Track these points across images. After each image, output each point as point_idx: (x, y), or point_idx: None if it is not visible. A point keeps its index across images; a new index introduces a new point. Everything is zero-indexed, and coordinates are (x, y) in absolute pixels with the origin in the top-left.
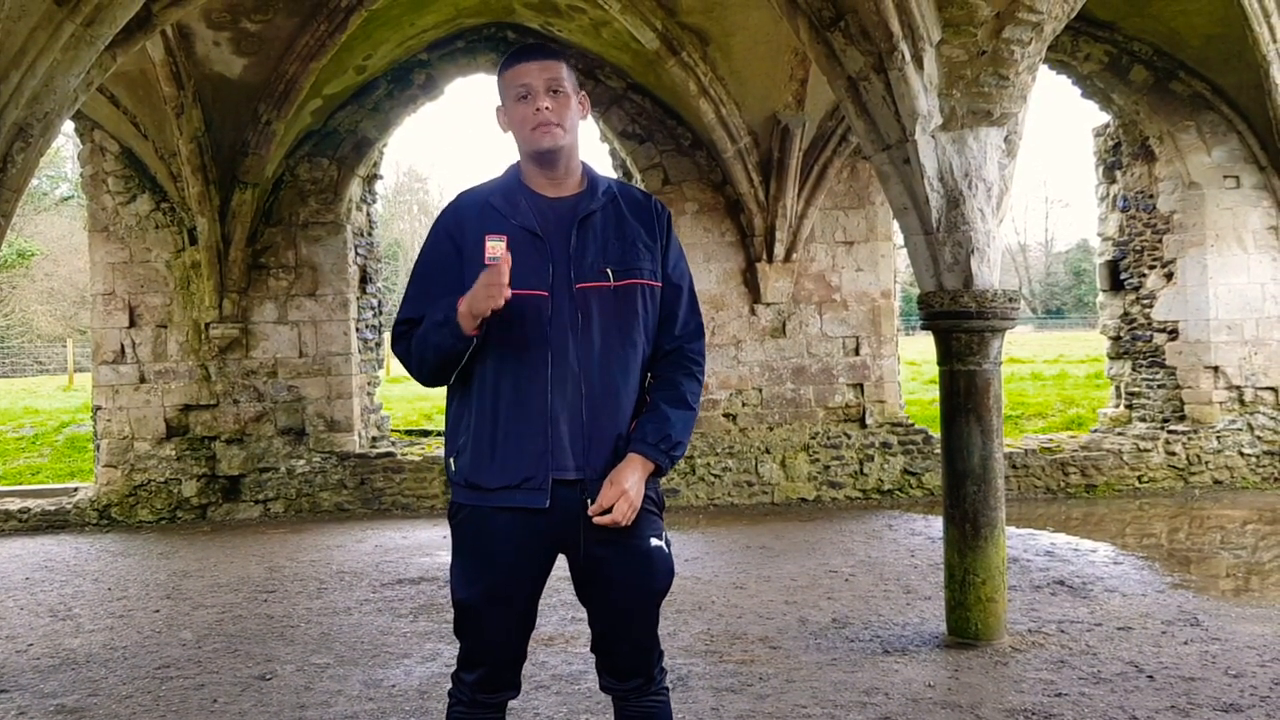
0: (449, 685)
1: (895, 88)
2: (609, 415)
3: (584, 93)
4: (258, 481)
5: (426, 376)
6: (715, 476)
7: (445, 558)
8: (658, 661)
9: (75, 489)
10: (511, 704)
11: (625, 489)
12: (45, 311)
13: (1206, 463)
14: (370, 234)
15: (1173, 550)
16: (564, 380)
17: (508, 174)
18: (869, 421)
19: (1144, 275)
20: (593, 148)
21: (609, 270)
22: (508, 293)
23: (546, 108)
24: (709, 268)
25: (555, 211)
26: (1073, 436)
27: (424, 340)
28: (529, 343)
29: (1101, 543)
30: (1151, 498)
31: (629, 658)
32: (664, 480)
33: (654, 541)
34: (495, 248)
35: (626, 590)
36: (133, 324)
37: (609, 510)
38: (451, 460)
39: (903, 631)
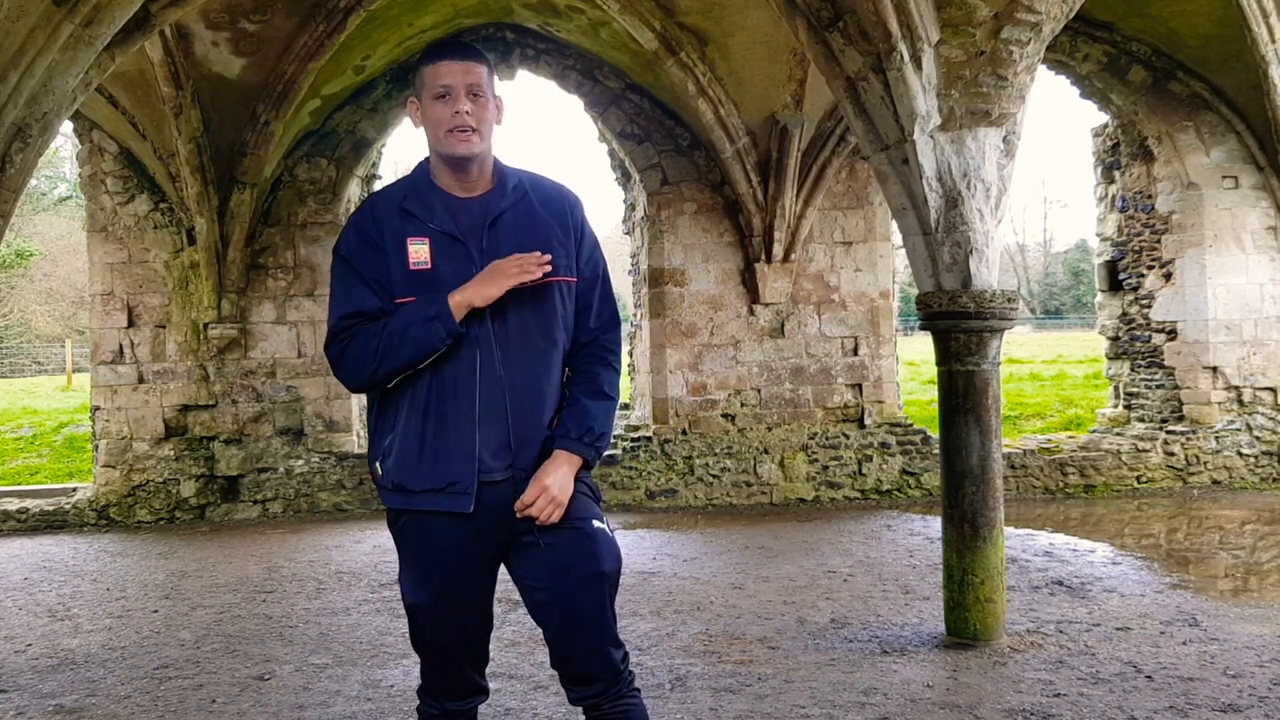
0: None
1: (894, 88)
2: (534, 414)
3: (500, 97)
4: (256, 482)
5: (381, 376)
6: (714, 477)
7: None
8: (623, 662)
9: (74, 489)
10: (510, 704)
11: (546, 484)
12: (44, 312)
13: (1205, 463)
14: None
15: (1171, 550)
16: (490, 382)
17: (416, 172)
18: (868, 422)
19: (1142, 275)
20: (591, 148)
21: None
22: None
23: (466, 112)
24: (707, 268)
25: (468, 212)
26: (1071, 437)
27: (402, 335)
28: (454, 346)
29: (1100, 543)
30: (1150, 498)
31: (589, 657)
32: (662, 481)
33: (596, 524)
34: (419, 251)
35: (575, 578)
36: (131, 324)
37: (528, 506)
38: (378, 464)
39: (901, 632)
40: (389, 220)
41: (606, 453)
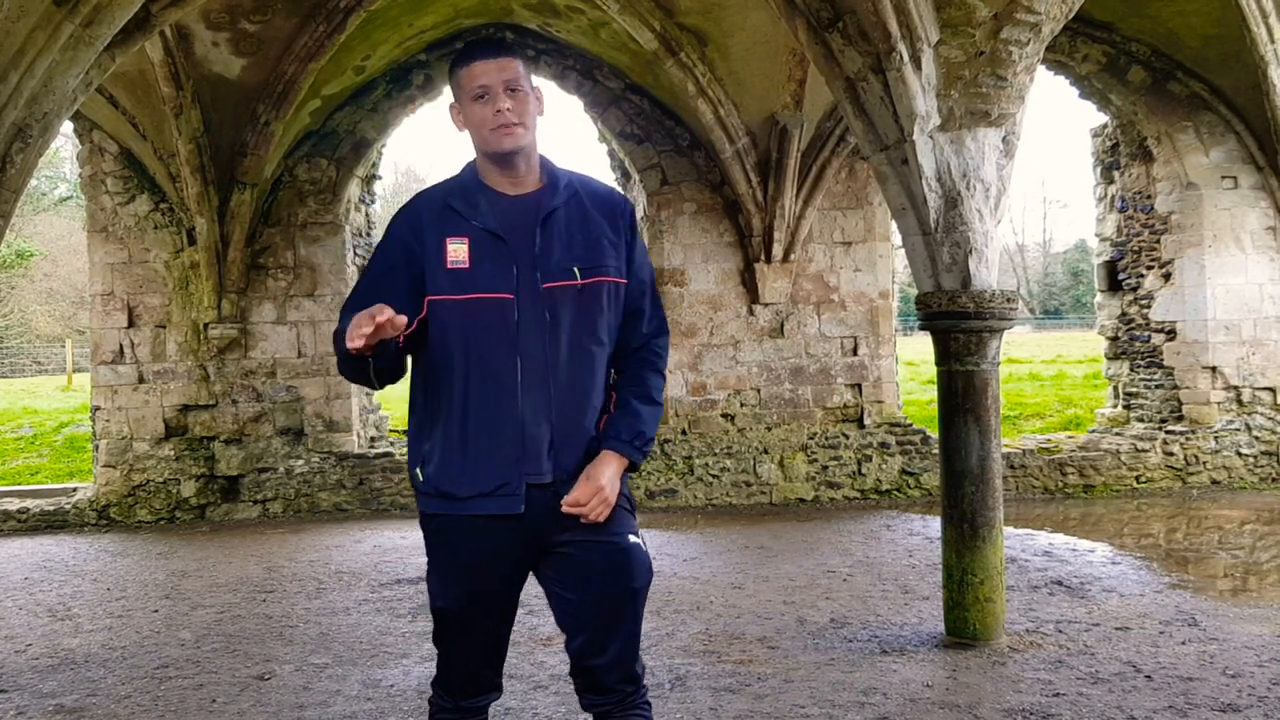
0: (429, 694)
1: (893, 88)
2: (578, 416)
3: (539, 88)
4: (256, 482)
5: (350, 377)
6: (713, 477)
7: None
8: (640, 674)
9: (74, 489)
10: (510, 704)
11: (601, 484)
12: (44, 312)
13: (1204, 463)
14: (369, 234)
15: (1170, 550)
16: (533, 383)
17: (464, 172)
18: (867, 422)
19: (1142, 276)
20: (591, 148)
21: (575, 269)
22: (359, 343)
23: (507, 109)
24: (707, 268)
25: (516, 210)
26: (1070, 437)
27: (335, 344)
28: (497, 346)
29: (1099, 543)
30: (1149, 498)
31: (611, 669)
32: (662, 481)
33: (632, 539)
34: (457, 251)
35: (606, 592)
36: (131, 324)
37: (582, 505)
38: (418, 470)
39: (901, 631)
40: (431, 217)
41: None
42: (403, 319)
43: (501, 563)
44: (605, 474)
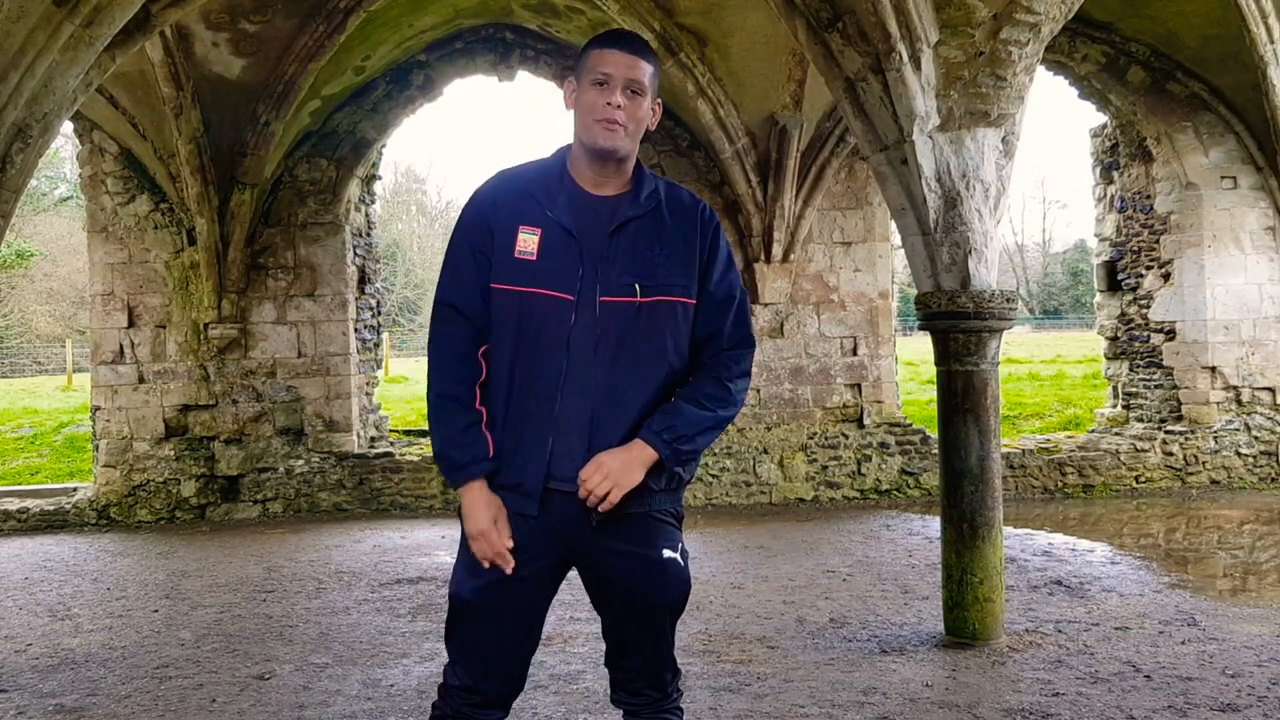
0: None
1: (893, 88)
2: (618, 434)
3: (660, 100)
4: (256, 482)
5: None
6: (713, 477)
7: (444, 558)
8: (672, 680)
9: (74, 489)
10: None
11: (602, 460)
12: (44, 312)
13: (1204, 463)
14: (369, 234)
15: (1170, 550)
16: (576, 392)
17: (554, 159)
18: (867, 422)
19: (1141, 276)
20: None
21: (636, 285)
22: (507, 563)
23: (619, 105)
24: None
25: (594, 210)
26: (1070, 437)
27: (438, 414)
28: (548, 346)
29: (1099, 543)
30: (1149, 498)
31: (641, 673)
32: None
33: (667, 553)
34: (528, 241)
35: (637, 602)
36: (131, 324)
37: (602, 496)
38: None
39: (900, 631)
40: (508, 201)
41: None
42: (509, 560)
43: (527, 558)
44: (615, 456)
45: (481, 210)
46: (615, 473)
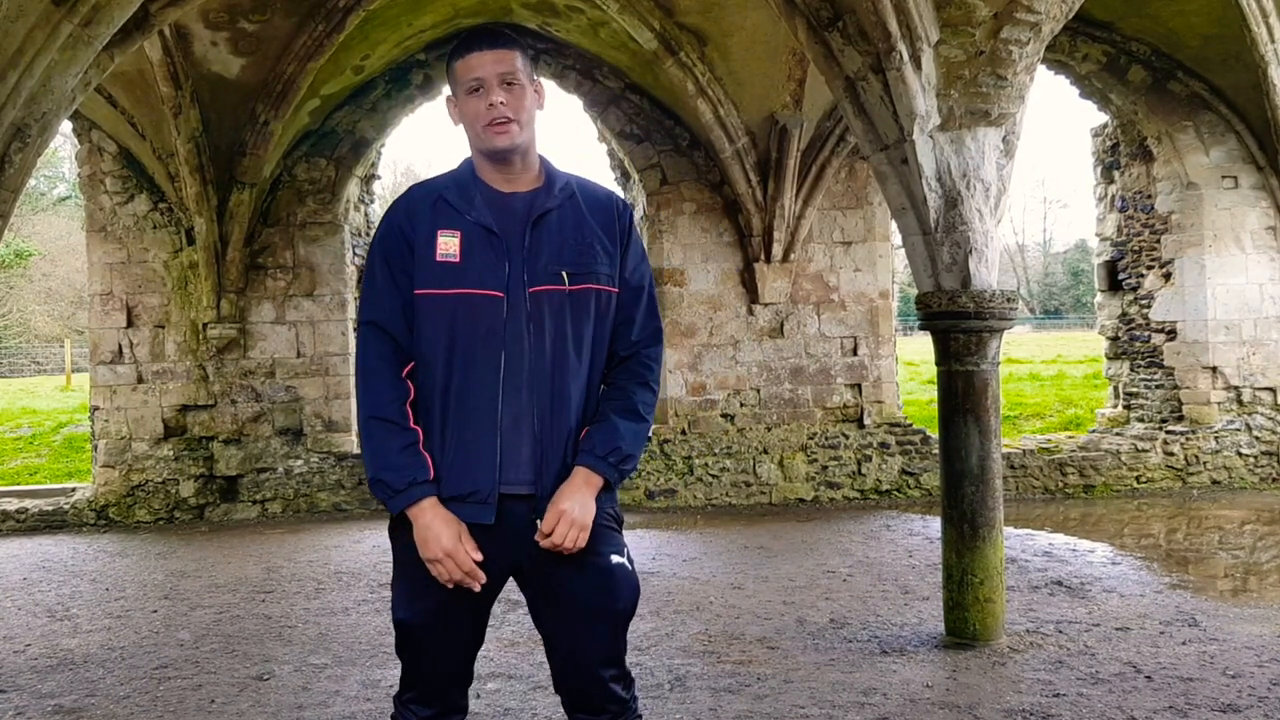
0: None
1: (893, 88)
2: (561, 427)
3: (539, 81)
4: (255, 482)
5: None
6: (713, 477)
7: None
8: (629, 690)
9: (73, 489)
10: (509, 704)
11: (563, 509)
12: (43, 312)
13: (1204, 463)
14: (368, 234)
15: (1171, 550)
16: (516, 388)
17: (462, 167)
18: (867, 422)
19: (1142, 275)
20: (590, 147)
21: (563, 273)
22: (474, 581)
23: (501, 103)
24: (707, 268)
25: (510, 208)
26: (1071, 437)
27: (370, 437)
28: (482, 346)
29: (1099, 543)
30: (1149, 498)
31: (591, 690)
32: (661, 480)
33: (615, 559)
34: (448, 244)
35: (587, 613)
36: (130, 324)
37: (547, 535)
38: None
39: (900, 632)
40: (423, 210)
41: None
42: (480, 576)
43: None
44: (571, 498)
45: (396, 223)
46: (579, 519)
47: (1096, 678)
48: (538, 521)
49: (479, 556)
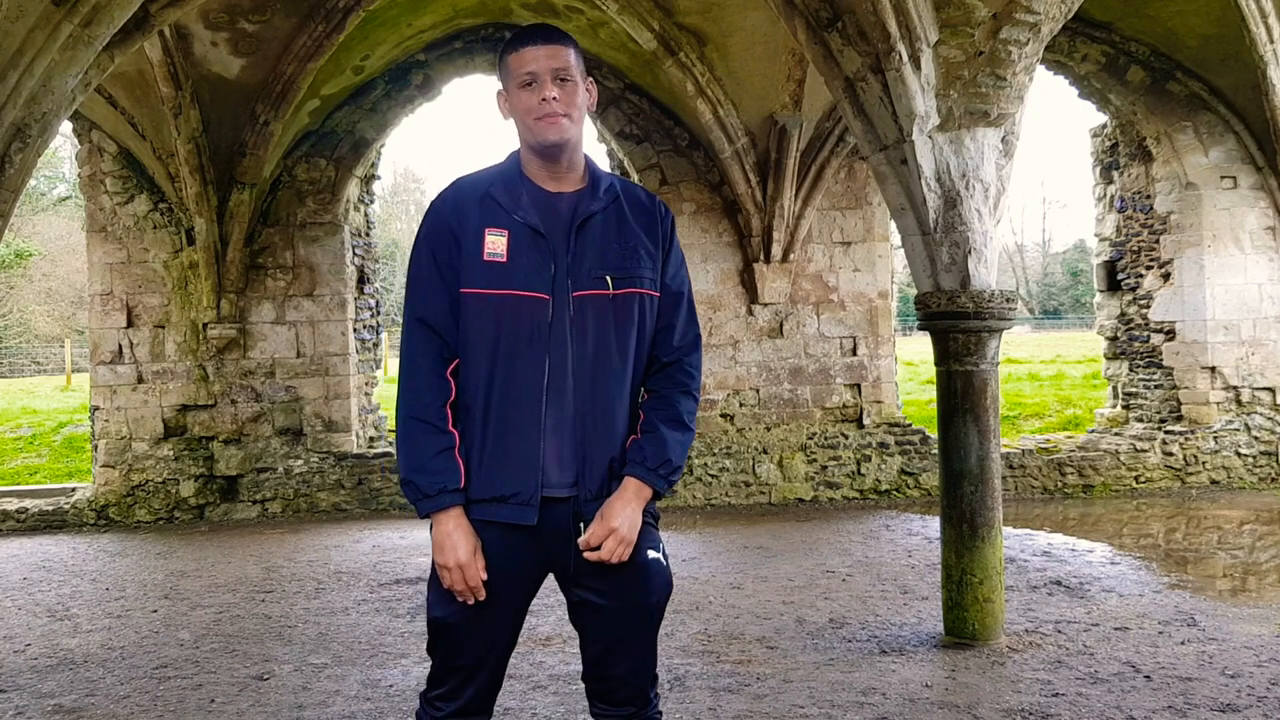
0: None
1: (892, 88)
2: (603, 431)
3: (591, 79)
4: (255, 482)
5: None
6: (713, 477)
7: None
8: (653, 685)
9: (73, 489)
10: (509, 704)
11: (614, 527)
12: (43, 312)
13: (1203, 463)
14: (368, 234)
15: (1170, 550)
16: (559, 391)
17: (508, 162)
18: (866, 422)
19: (1141, 276)
20: (590, 147)
21: (608, 277)
22: (480, 593)
23: (554, 98)
24: (706, 268)
25: (556, 209)
26: (1070, 437)
27: (408, 438)
28: (527, 348)
29: (1098, 543)
30: (1148, 498)
31: (626, 682)
32: None
33: (650, 554)
34: (496, 243)
35: (622, 606)
36: (130, 324)
37: (598, 547)
38: None
39: (900, 632)
40: (471, 206)
41: None
42: (481, 594)
43: (509, 576)
44: (622, 514)
45: (444, 218)
46: (627, 535)
47: (1095, 677)
48: (582, 526)
49: (485, 576)
